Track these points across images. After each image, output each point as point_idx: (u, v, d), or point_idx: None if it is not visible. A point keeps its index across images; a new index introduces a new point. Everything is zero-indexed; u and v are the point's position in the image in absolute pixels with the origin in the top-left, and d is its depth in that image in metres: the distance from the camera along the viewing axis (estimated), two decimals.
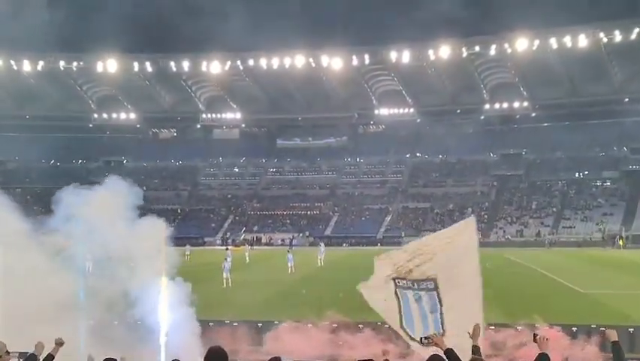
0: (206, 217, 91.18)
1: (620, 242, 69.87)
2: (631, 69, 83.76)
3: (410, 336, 8.12)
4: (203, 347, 13.13)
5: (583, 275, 38.98)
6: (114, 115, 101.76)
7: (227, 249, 55.11)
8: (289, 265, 43.33)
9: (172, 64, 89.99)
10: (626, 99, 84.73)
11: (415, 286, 8.15)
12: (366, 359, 5.81)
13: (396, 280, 8.27)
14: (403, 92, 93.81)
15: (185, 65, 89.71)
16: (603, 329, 18.67)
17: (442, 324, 7.84)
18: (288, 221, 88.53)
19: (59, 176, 76.45)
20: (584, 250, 62.22)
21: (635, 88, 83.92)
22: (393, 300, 8.28)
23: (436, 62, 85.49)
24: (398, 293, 8.20)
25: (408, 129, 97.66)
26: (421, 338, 6.67)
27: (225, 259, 37.21)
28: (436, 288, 7.98)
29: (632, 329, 18.94)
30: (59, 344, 8.39)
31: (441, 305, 7.92)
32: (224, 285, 35.17)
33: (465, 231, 8.56)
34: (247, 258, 52.56)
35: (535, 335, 6.93)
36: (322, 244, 58.47)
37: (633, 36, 75.48)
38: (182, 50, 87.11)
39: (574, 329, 19.01)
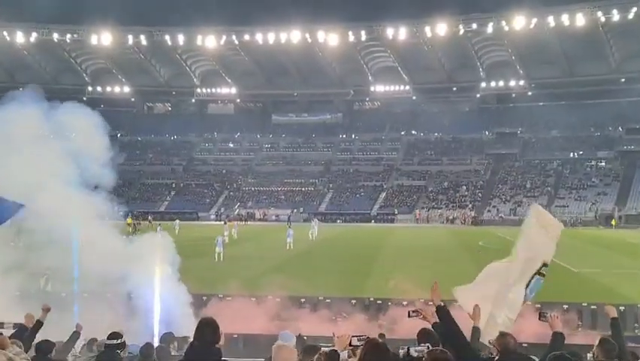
0: (200, 192, 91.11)
1: (613, 222, 70.27)
2: (628, 49, 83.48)
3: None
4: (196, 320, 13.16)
5: (575, 254, 39.11)
6: (108, 88, 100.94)
7: (225, 223, 55.59)
8: (288, 240, 43.31)
9: (167, 37, 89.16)
10: (623, 79, 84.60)
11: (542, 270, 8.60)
12: (360, 334, 5.76)
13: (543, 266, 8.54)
14: (399, 69, 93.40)
15: (181, 38, 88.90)
16: (594, 307, 18.85)
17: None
18: (283, 197, 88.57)
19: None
20: (578, 230, 62.52)
21: (631, 68, 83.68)
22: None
23: (433, 39, 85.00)
24: (537, 274, 8.46)
25: (403, 107, 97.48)
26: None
27: (223, 233, 37.21)
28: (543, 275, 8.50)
29: (622, 308, 19.07)
30: (46, 310, 8.46)
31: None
32: (217, 259, 35.22)
33: (536, 221, 8.83)
34: (235, 234, 50.79)
35: (541, 314, 6.85)
36: (315, 220, 59.02)
37: (631, 16, 75.09)
38: (178, 23, 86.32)
39: (565, 306, 19.16)
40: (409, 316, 6.61)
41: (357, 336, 5.74)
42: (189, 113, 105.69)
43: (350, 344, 5.74)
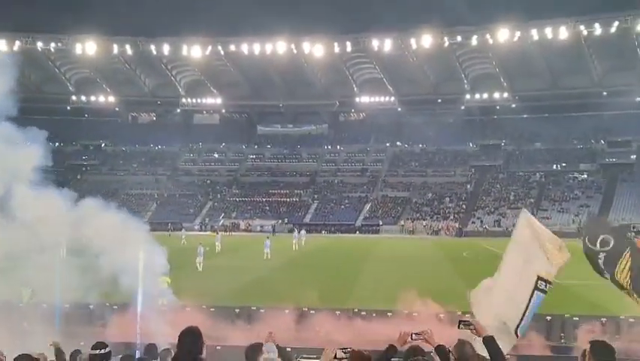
0: (184, 203, 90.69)
1: None
2: (610, 63, 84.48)
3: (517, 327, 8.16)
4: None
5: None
6: (93, 98, 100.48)
7: (217, 233, 56.53)
8: (266, 251, 43.44)
9: (152, 47, 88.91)
10: (605, 93, 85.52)
11: (541, 286, 8.44)
12: (346, 347, 5.74)
13: (539, 280, 8.37)
14: (384, 80, 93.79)
15: (166, 48, 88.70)
16: (577, 318, 18.95)
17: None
18: (267, 208, 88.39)
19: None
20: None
21: (613, 82, 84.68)
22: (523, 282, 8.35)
23: (418, 51, 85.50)
24: (536, 289, 8.30)
25: (388, 118, 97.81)
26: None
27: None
28: (545, 292, 8.42)
29: (604, 319, 19.22)
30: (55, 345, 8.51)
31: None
32: (199, 269, 35.21)
33: (525, 227, 8.72)
34: (218, 246, 49.68)
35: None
36: (297, 230, 59.77)
37: (613, 30, 76.05)
38: (163, 33, 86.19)
39: (548, 318, 19.24)
40: (458, 327, 6.20)
41: (342, 349, 5.71)
42: (174, 123, 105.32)
43: (335, 357, 5.72)
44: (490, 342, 5.98)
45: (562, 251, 8.34)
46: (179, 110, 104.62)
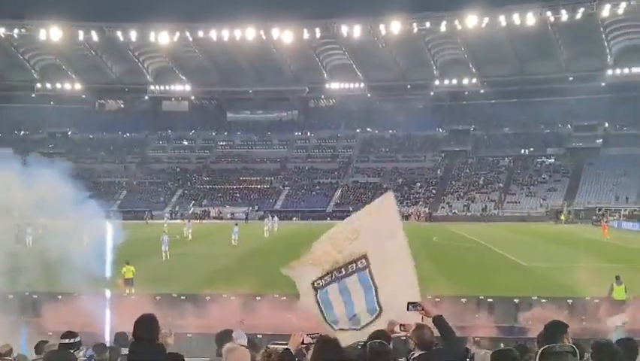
0: (154, 191, 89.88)
1: (562, 217, 72.03)
2: (576, 48, 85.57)
3: (334, 328, 7.80)
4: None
5: (527, 249, 39.99)
6: (58, 85, 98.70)
7: (189, 221, 56.08)
8: (234, 237, 43.35)
9: (119, 33, 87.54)
10: (571, 78, 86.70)
11: (342, 273, 7.76)
12: (313, 333, 5.74)
13: (316, 283, 7.87)
14: (354, 66, 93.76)
15: (133, 35, 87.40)
16: (545, 300, 19.25)
17: (379, 302, 7.60)
18: (238, 195, 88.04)
19: (2, 148, 73.99)
20: (528, 225, 63.87)
21: (579, 67, 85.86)
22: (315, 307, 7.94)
23: (387, 37, 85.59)
24: (318, 299, 7.83)
25: (358, 104, 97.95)
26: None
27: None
28: (367, 265, 7.69)
29: (570, 301, 19.55)
30: None
31: (374, 282, 7.64)
32: (164, 258, 35.01)
33: (384, 205, 8.31)
34: (188, 234, 49.42)
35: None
36: (271, 217, 59.75)
37: (578, 16, 77.02)
38: (130, 19, 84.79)
39: (516, 300, 19.51)
40: (407, 309, 6.28)
41: (310, 334, 5.73)
42: (142, 111, 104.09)
43: (302, 343, 5.73)
44: (439, 321, 5.99)
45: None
46: (147, 97, 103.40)
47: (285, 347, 5.80)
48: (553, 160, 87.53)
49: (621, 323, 13.04)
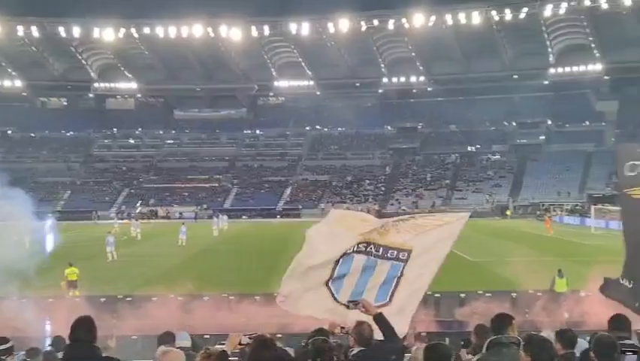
0: (99, 190, 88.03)
1: (508, 212, 73.65)
2: (520, 47, 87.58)
3: (333, 295, 7.79)
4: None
5: (472, 244, 40.52)
6: None
7: (136, 220, 55.66)
8: (181, 237, 42.80)
9: (61, 29, 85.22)
10: (515, 76, 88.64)
11: (379, 252, 7.69)
12: (251, 333, 5.69)
13: (359, 244, 7.87)
14: (303, 64, 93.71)
15: (76, 31, 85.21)
16: (489, 294, 19.57)
17: (391, 295, 7.63)
18: (186, 194, 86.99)
19: None
20: (474, 220, 64.66)
21: (523, 65, 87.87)
22: (329, 257, 7.87)
23: (336, 36, 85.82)
24: (345, 255, 7.77)
25: (308, 102, 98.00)
26: (348, 302, 6.40)
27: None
28: (406, 260, 7.74)
29: (514, 294, 19.94)
30: None
31: (399, 277, 7.67)
32: (110, 259, 34.34)
33: (457, 224, 8.38)
34: (136, 234, 49.30)
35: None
36: (220, 216, 59.35)
37: (522, 15, 78.82)
38: (72, 14, 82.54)
39: (462, 295, 19.78)
40: (348, 308, 6.39)
41: (247, 334, 5.70)
42: (87, 109, 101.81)
43: (240, 343, 5.71)
44: (380, 319, 6.14)
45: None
46: (91, 95, 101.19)
47: (222, 348, 5.73)
48: (498, 157, 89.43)
49: None
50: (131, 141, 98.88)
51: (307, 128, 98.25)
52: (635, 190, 8.79)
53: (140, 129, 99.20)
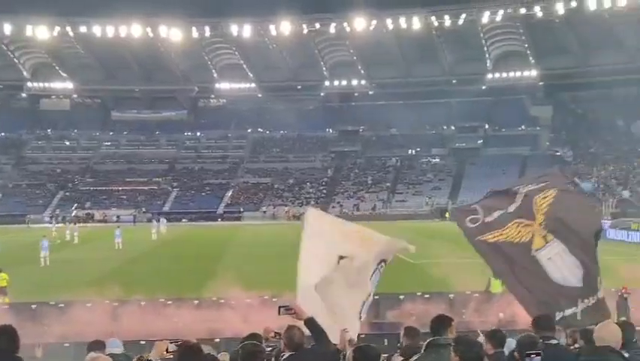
0: (32, 193, 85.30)
1: (447, 214, 74.83)
2: (458, 53, 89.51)
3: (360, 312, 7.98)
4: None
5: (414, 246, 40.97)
6: None
7: (74, 223, 54.89)
8: (117, 241, 41.86)
9: None
10: (454, 81, 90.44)
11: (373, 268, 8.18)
12: (176, 340, 5.55)
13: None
14: (245, 66, 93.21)
15: (7, 28, 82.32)
16: (428, 296, 19.75)
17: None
18: (124, 197, 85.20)
19: None
20: (414, 223, 65.91)
21: (461, 71, 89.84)
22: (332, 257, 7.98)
23: (278, 38, 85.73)
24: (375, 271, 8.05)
25: (249, 104, 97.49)
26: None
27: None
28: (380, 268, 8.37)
29: (452, 295, 20.20)
30: None
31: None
32: (43, 264, 33.27)
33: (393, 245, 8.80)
34: (72, 238, 48.40)
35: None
36: (159, 219, 58.42)
37: (460, 22, 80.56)
38: (3, 10, 79.59)
39: (401, 297, 19.90)
40: (279, 313, 6.32)
41: (174, 342, 5.55)
42: (19, 109, 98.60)
43: (167, 351, 5.56)
44: (311, 324, 6.19)
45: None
46: (24, 95, 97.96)
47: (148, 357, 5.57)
48: (437, 160, 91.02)
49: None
50: (67, 143, 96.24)
51: (249, 130, 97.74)
52: (487, 236, 9.03)
53: (75, 131, 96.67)
